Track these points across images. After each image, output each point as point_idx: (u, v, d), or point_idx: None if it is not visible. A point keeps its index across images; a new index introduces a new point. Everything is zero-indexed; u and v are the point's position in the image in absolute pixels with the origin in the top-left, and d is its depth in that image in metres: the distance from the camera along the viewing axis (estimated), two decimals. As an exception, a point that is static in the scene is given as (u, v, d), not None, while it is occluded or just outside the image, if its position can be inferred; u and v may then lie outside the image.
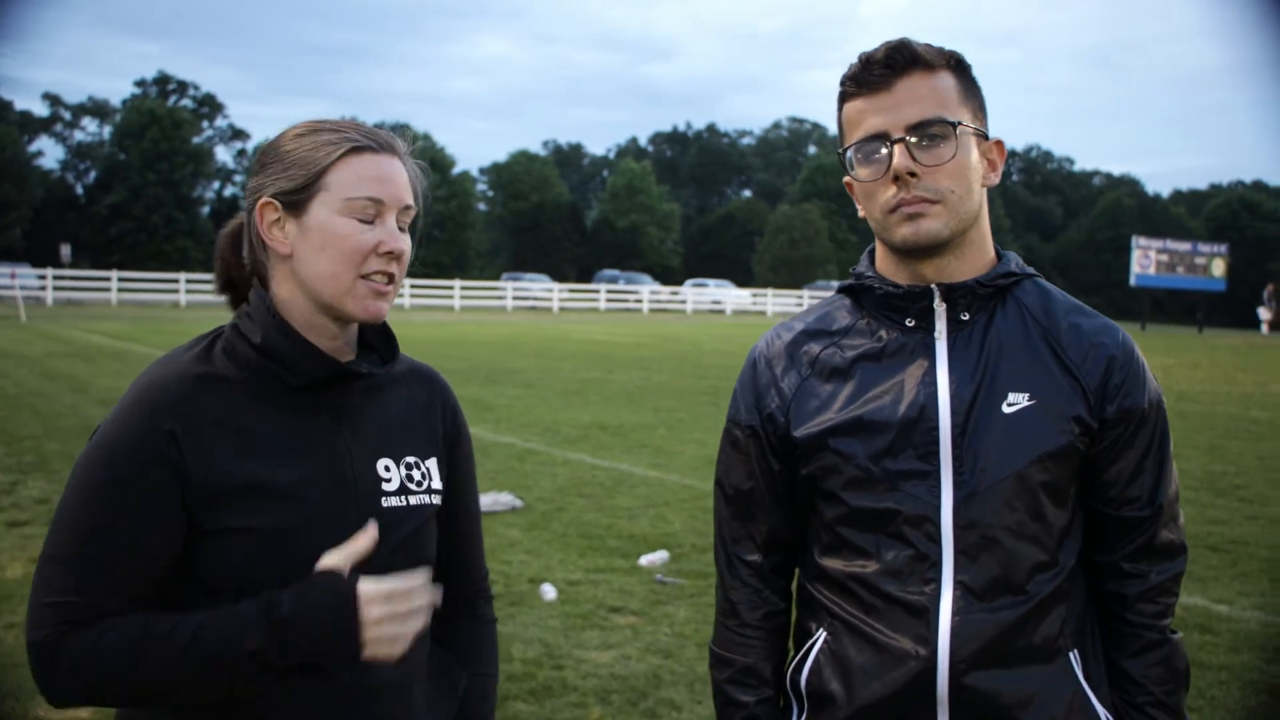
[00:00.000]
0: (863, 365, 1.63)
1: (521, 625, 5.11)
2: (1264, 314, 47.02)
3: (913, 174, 1.53)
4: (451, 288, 46.79)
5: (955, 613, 1.54)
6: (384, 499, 1.56)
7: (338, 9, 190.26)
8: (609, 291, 51.06)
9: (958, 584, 1.55)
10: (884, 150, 1.55)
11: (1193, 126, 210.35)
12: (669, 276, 67.00)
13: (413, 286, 45.58)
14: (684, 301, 52.12)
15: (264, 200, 1.51)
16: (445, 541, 1.69)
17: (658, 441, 10.62)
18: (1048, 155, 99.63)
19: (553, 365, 18.81)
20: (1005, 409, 1.56)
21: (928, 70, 1.55)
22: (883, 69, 1.55)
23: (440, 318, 36.26)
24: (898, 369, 1.61)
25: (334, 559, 1.43)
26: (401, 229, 1.55)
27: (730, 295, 53.33)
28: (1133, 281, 48.26)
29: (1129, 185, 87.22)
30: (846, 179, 1.64)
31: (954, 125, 1.54)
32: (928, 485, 1.56)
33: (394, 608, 1.41)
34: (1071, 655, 1.60)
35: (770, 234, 67.51)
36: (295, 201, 1.50)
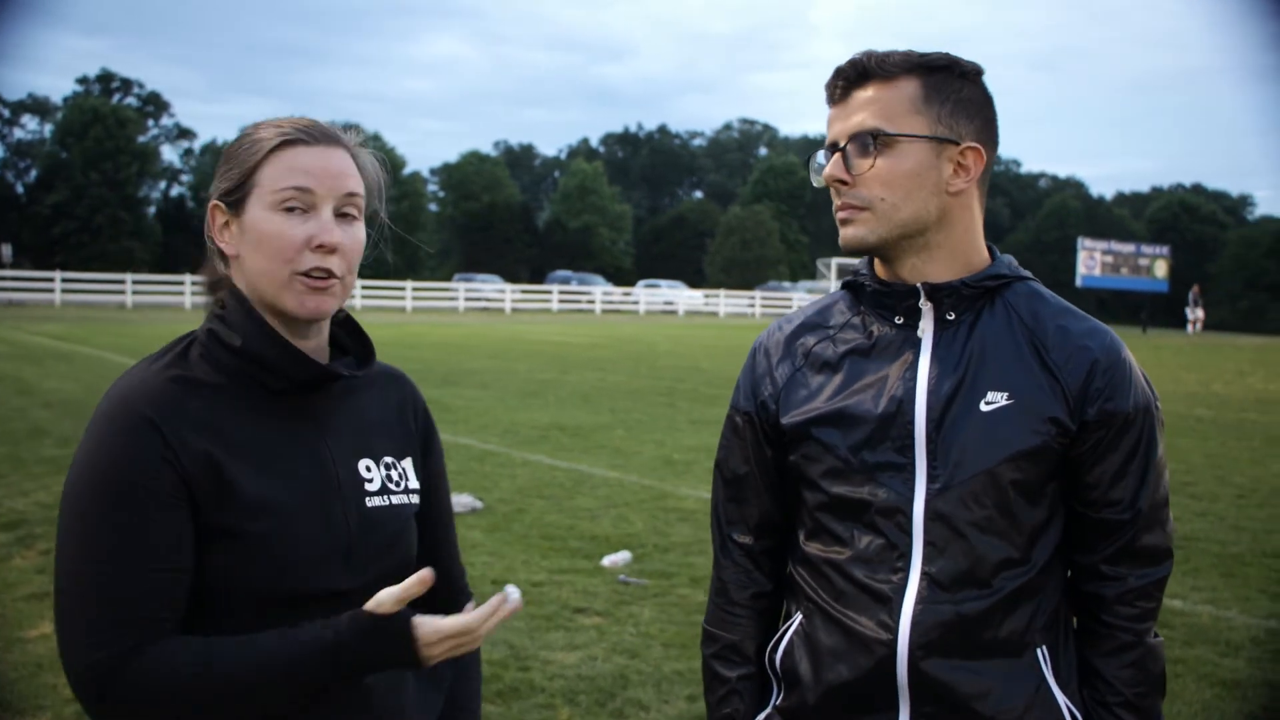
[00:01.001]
0: (851, 359, 1.68)
1: (486, 627, 5.09)
2: (1191, 314, 47.99)
3: (843, 182, 1.62)
4: (403, 289, 46.43)
5: (919, 601, 1.58)
6: (368, 499, 1.55)
7: (287, 6, 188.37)
8: (561, 292, 50.92)
9: (924, 575, 1.59)
10: (826, 158, 1.66)
11: (1135, 130, 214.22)
12: (621, 277, 66.92)
13: (364, 287, 45.16)
14: (636, 302, 52.11)
15: (213, 203, 1.50)
16: (423, 543, 1.67)
17: (616, 442, 10.63)
18: (995, 158, 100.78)
19: (508, 366, 18.75)
20: (983, 407, 1.60)
21: (883, 81, 1.61)
22: (841, 82, 1.64)
23: (392, 318, 35.97)
24: (883, 364, 1.65)
25: (388, 597, 1.39)
26: (354, 217, 1.51)
27: (683, 296, 53.38)
28: (1078, 282, 49.09)
29: (1074, 187, 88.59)
30: None
31: (879, 136, 1.59)
32: (902, 478, 1.60)
33: (453, 644, 1.42)
34: (1040, 651, 1.62)
35: (722, 235, 67.73)
36: (235, 201, 1.49)
